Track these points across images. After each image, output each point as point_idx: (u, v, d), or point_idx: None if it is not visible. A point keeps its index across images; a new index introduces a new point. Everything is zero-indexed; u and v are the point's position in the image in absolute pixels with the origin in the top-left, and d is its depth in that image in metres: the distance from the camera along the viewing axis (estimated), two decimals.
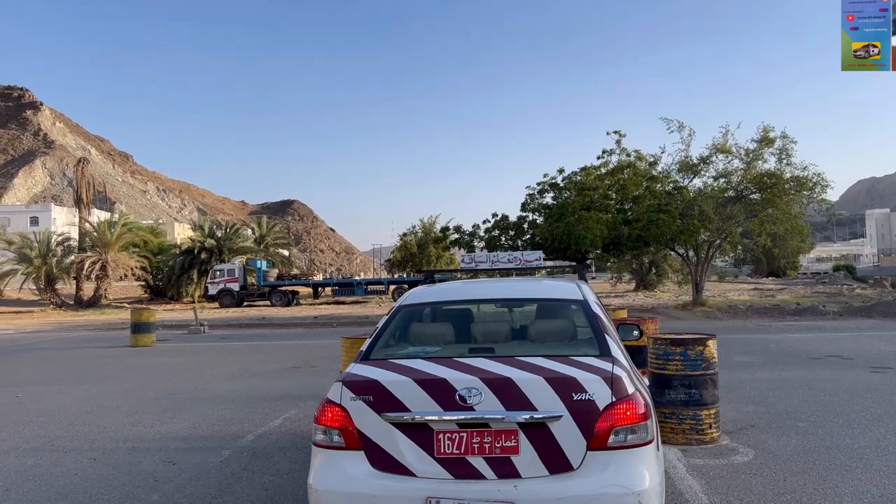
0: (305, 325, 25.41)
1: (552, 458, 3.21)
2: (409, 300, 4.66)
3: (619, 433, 3.22)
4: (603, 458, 3.20)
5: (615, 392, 3.28)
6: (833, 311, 23.81)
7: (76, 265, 42.13)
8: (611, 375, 3.34)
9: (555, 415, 3.23)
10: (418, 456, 3.29)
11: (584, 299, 4.31)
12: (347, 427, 3.39)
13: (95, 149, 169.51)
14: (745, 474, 5.37)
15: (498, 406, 3.26)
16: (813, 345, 14.39)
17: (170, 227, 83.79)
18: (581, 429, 3.22)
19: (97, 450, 6.76)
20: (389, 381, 3.44)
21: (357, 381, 3.51)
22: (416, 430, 3.32)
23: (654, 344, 6.61)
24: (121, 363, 14.23)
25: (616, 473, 3.17)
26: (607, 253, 28.89)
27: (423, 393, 3.35)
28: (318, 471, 3.44)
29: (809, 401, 8.25)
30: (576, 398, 3.25)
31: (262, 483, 5.50)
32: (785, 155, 26.34)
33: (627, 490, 3.12)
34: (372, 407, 3.37)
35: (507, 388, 3.29)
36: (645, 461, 3.24)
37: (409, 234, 56.78)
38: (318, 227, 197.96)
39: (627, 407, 3.25)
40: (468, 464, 3.25)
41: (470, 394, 3.28)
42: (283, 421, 7.85)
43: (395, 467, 3.30)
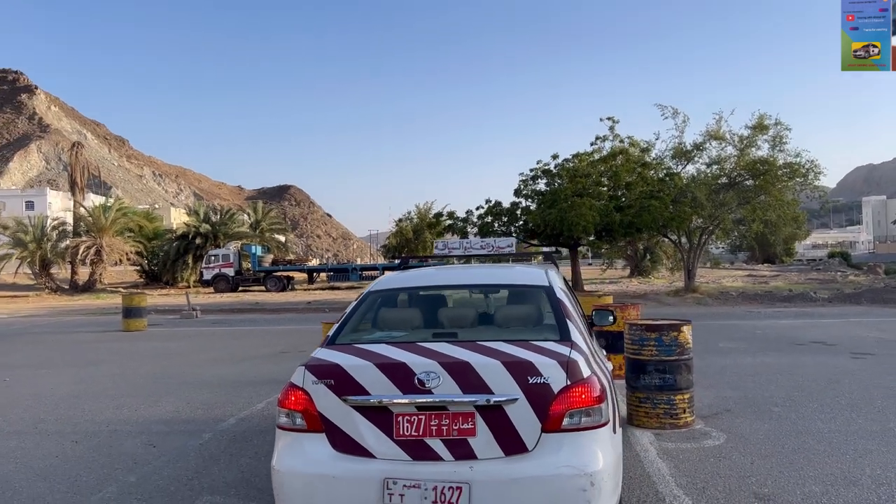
0: (298, 311, 25.49)
1: (508, 440, 3.27)
2: (378, 286, 4.71)
3: (574, 416, 3.29)
4: (557, 439, 3.27)
5: (570, 375, 3.34)
6: (823, 298, 23.93)
7: (71, 250, 42.14)
8: (567, 359, 3.41)
9: (511, 398, 3.28)
10: (378, 438, 3.35)
11: (549, 285, 4.35)
12: (309, 410, 3.45)
13: (91, 133, 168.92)
14: (714, 458, 5.46)
15: (455, 389, 3.32)
16: (799, 331, 14.49)
17: (166, 212, 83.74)
18: (536, 411, 3.28)
19: (80, 432, 6.84)
20: (350, 366, 3.50)
21: (319, 365, 3.58)
22: (376, 412, 3.38)
23: (629, 330, 6.69)
24: (111, 347, 14.31)
25: (569, 455, 3.23)
26: (600, 239, 29.00)
27: (383, 377, 3.41)
28: (281, 453, 3.51)
29: (787, 386, 8.35)
30: (531, 381, 3.31)
31: (240, 465, 5.58)
32: (778, 142, 26.39)
33: (580, 471, 3.19)
34: (333, 390, 3.43)
35: (465, 371, 3.36)
36: (599, 443, 3.31)
37: (405, 220, 56.86)
38: (315, 212, 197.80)
39: (582, 390, 3.32)
40: (426, 445, 3.31)
41: (428, 377, 3.35)
42: (266, 405, 7.93)
43: (356, 449, 3.36)
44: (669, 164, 28.67)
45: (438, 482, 3.21)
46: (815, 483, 4.79)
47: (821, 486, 4.74)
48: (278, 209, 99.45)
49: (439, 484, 3.20)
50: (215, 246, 46.14)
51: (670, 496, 4.59)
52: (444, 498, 3.18)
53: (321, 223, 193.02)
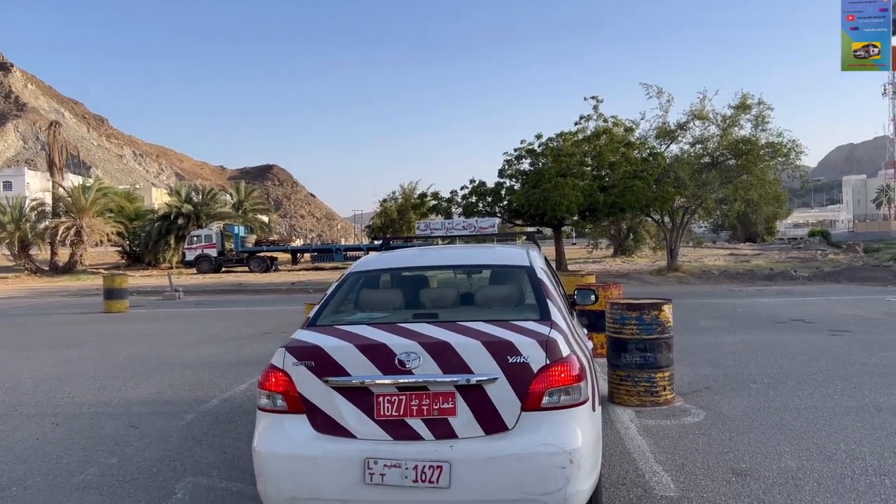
0: (282, 291, 25.41)
1: (488, 419, 3.29)
2: (359, 267, 4.71)
3: (553, 394, 3.31)
4: (536, 418, 3.29)
5: (549, 355, 3.36)
6: (803, 276, 24.22)
7: (50, 231, 41.60)
8: (546, 339, 3.42)
9: (491, 377, 3.30)
10: (359, 418, 3.36)
11: (530, 265, 4.36)
12: (290, 392, 3.45)
13: (69, 112, 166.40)
14: (693, 434, 5.53)
15: (436, 370, 3.33)
16: (779, 309, 14.67)
17: (147, 193, 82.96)
18: (516, 391, 3.30)
19: (60, 415, 6.80)
20: (331, 347, 3.50)
21: (299, 346, 3.57)
22: (356, 393, 3.39)
23: (611, 309, 6.73)
24: (92, 329, 14.20)
25: (549, 433, 3.26)
26: (583, 219, 29.08)
27: (364, 358, 3.41)
28: (262, 434, 3.51)
29: (766, 363, 8.46)
30: (511, 361, 3.33)
31: (222, 446, 5.58)
32: (761, 121, 26.52)
33: (559, 449, 3.21)
34: (314, 372, 3.43)
35: (445, 352, 3.36)
36: (578, 421, 3.34)
37: (390, 201, 56.61)
38: (298, 192, 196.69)
39: (561, 369, 3.34)
40: (407, 425, 3.33)
41: (409, 358, 3.35)
42: (249, 385, 7.92)
43: (337, 430, 3.37)
44: (653, 143, 28.75)
45: (419, 461, 3.22)
46: (792, 458, 4.87)
47: (797, 460, 4.82)
48: (261, 189, 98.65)
49: (420, 463, 3.21)
50: (197, 226, 45.73)
51: (650, 472, 4.65)
52: (425, 476, 3.20)
53: (305, 203, 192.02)
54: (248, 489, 4.55)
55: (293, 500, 3.36)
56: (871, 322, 12.17)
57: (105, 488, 4.69)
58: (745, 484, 4.39)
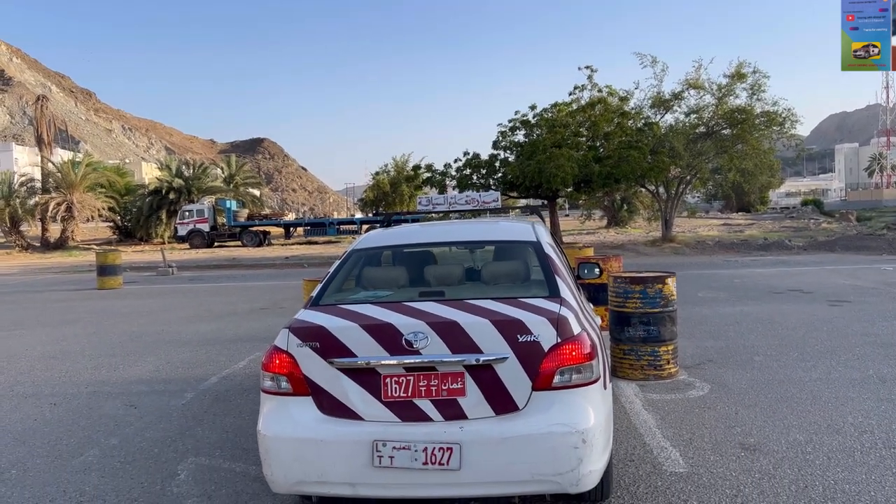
0: (276, 266, 25.31)
1: (498, 399, 3.23)
2: (362, 244, 4.60)
3: (565, 373, 3.24)
4: (548, 397, 3.22)
5: (560, 333, 3.28)
6: (798, 246, 24.26)
7: (41, 207, 41.24)
8: (557, 317, 3.34)
9: (500, 357, 3.24)
10: (365, 400, 3.29)
11: (537, 241, 4.27)
12: (294, 373, 3.36)
13: (56, 86, 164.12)
14: (698, 408, 5.49)
15: (444, 350, 3.26)
16: (776, 279, 14.67)
17: (137, 167, 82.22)
18: (527, 370, 3.23)
19: (58, 395, 6.71)
20: (335, 327, 3.41)
21: (303, 327, 3.47)
22: (362, 374, 3.31)
23: (614, 282, 6.66)
24: (86, 306, 14.08)
25: (560, 413, 3.19)
26: (578, 191, 28.95)
27: (370, 338, 3.33)
28: (267, 417, 3.42)
29: (767, 335, 8.44)
30: (521, 340, 3.26)
31: (224, 425, 5.51)
32: (757, 90, 26.35)
33: (571, 429, 3.15)
34: (318, 353, 3.35)
35: (453, 331, 3.29)
36: (590, 400, 3.27)
37: (382, 173, 56.33)
38: (290, 165, 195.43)
39: (573, 347, 3.27)
40: (415, 406, 3.26)
41: (416, 338, 3.28)
42: (248, 363, 7.85)
43: (343, 412, 3.30)
44: (648, 113, 28.54)
45: (429, 443, 3.15)
46: (799, 432, 4.84)
47: (805, 434, 4.78)
48: (252, 163, 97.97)
49: (429, 445, 3.15)
50: (189, 201, 45.44)
51: (658, 448, 4.61)
52: (435, 459, 3.13)
53: (296, 177, 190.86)
54: (251, 469, 4.48)
55: (300, 485, 3.29)
56: (869, 291, 12.17)
57: (106, 469, 4.62)
58: (754, 459, 4.35)
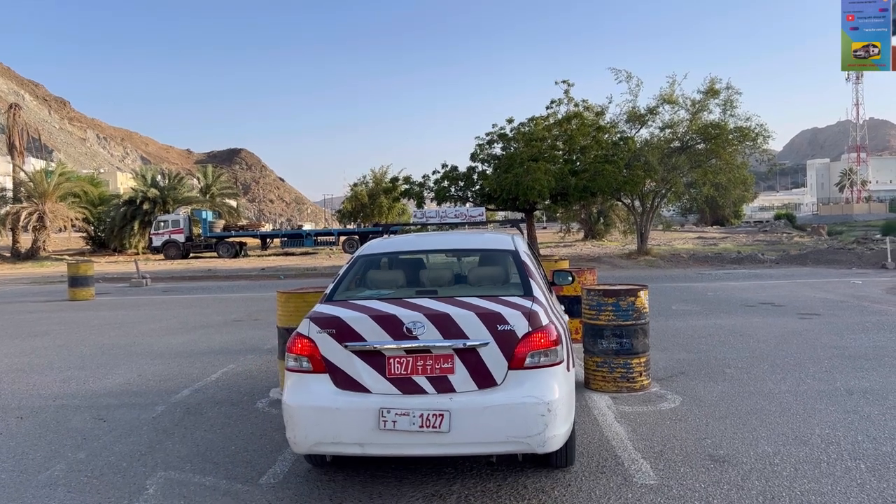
0: (251, 277, 25.12)
1: (481, 376, 3.94)
2: (366, 251, 5.32)
3: (535, 356, 3.97)
4: (521, 375, 3.94)
5: (531, 324, 4.03)
6: (770, 259, 24.59)
7: (11, 216, 40.57)
8: (529, 311, 4.10)
9: (483, 342, 3.95)
10: (373, 377, 3.98)
11: (515, 249, 5.03)
12: (315, 355, 4.08)
13: (29, 94, 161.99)
14: (670, 420, 5.54)
15: (438, 336, 3.98)
16: (748, 292, 14.86)
17: (111, 177, 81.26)
18: (504, 353, 3.95)
19: (25, 408, 6.59)
20: (349, 317, 4.14)
21: (322, 317, 4.21)
22: (371, 356, 4.01)
23: (587, 295, 6.70)
24: (56, 318, 13.86)
25: (531, 388, 3.91)
26: (555, 203, 29.14)
27: (377, 326, 4.05)
28: (290, 390, 4.12)
29: (739, 347, 8.54)
30: (500, 329, 3.98)
31: (194, 439, 5.45)
32: (729, 106, 26.77)
33: (539, 400, 3.87)
34: (335, 338, 4.07)
35: (445, 321, 4.02)
36: (555, 378, 4.00)
37: (360, 185, 56.25)
38: (267, 176, 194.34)
39: (542, 335, 4.01)
40: (413, 382, 3.95)
41: (415, 326, 4.01)
42: (221, 375, 7.77)
43: (354, 386, 3.99)
44: (623, 128, 28.86)
45: (424, 410, 3.84)
46: (768, 443, 4.90)
47: (773, 446, 4.85)
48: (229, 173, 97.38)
49: (425, 412, 3.83)
50: (164, 211, 44.96)
51: (629, 460, 4.64)
52: (429, 423, 3.82)
53: (274, 187, 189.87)
54: (221, 483, 4.45)
55: (318, 445, 4.00)
56: (838, 305, 12.37)
57: (73, 484, 4.54)
58: (723, 470, 4.40)
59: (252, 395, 6.81)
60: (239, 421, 5.91)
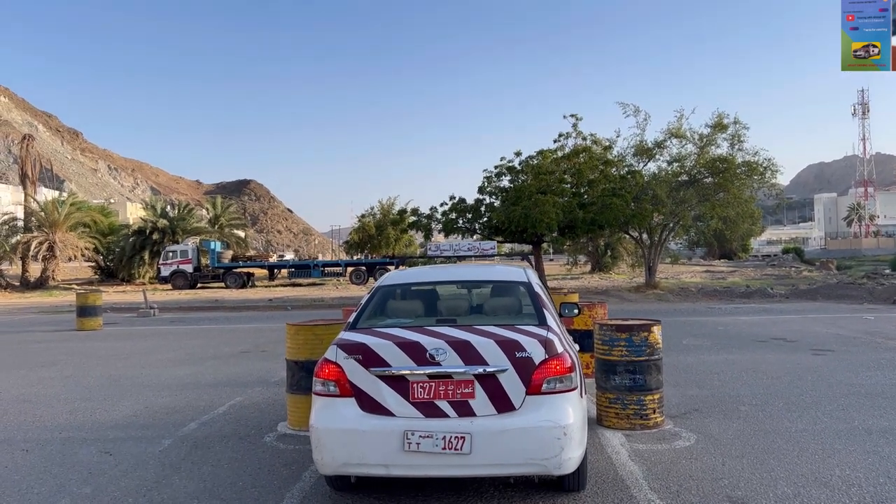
0: (259, 308, 25.08)
1: (499, 400, 4.13)
2: (386, 282, 5.58)
3: (551, 382, 4.18)
4: (538, 400, 4.14)
5: (548, 351, 4.25)
6: (780, 294, 24.41)
7: (22, 245, 40.77)
8: (545, 338, 4.32)
9: (502, 368, 4.17)
10: (397, 401, 4.18)
11: (528, 281, 5.26)
12: (341, 380, 4.27)
13: (42, 125, 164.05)
14: (685, 459, 5.43)
15: (459, 362, 4.18)
16: (759, 327, 14.71)
17: (122, 207, 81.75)
18: (522, 379, 4.16)
19: (31, 440, 6.53)
20: (375, 344, 4.34)
21: (348, 343, 4.42)
22: (395, 381, 4.21)
23: (599, 330, 6.63)
24: (64, 348, 13.83)
25: (548, 412, 4.11)
26: (563, 236, 29.11)
27: (401, 353, 4.25)
28: (318, 413, 4.30)
29: (752, 384, 8.42)
30: (518, 356, 4.19)
31: (202, 474, 5.37)
32: (737, 140, 26.86)
33: (556, 424, 4.07)
34: (361, 363, 4.26)
35: (466, 348, 4.22)
36: (570, 403, 4.21)
37: (368, 216, 56.40)
38: (276, 207, 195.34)
39: (557, 362, 4.23)
40: (436, 406, 4.15)
41: (437, 353, 4.21)
42: (229, 408, 7.69)
43: (380, 409, 4.18)
44: (631, 161, 28.93)
45: (446, 433, 4.03)
46: (787, 484, 4.79)
47: (792, 487, 4.73)
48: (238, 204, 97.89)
49: (447, 434, 4.03)
50: (173, 242, 45.10)
51: (645, 501, 4.53)
52: (452, 445, 4.01)
53: (282, 218, 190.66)
54: None
55: (345, 466, 4.19)
56: (852, 341, 12.22)
57: None
58: None
59: (260, 428, 6.73)
60: (247, 456, 5.83)
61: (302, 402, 6.36)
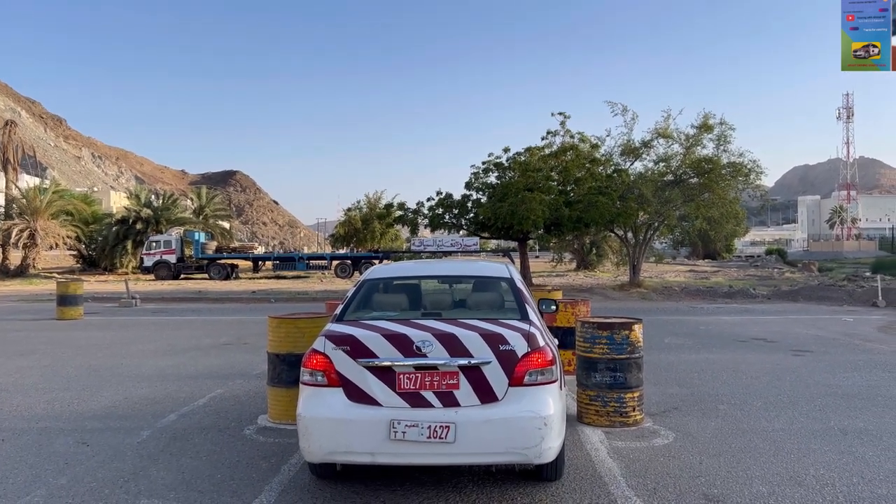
0: (242, 300, 24.97)
1: (483, 391, 4.26)
2: (371, 275, 5.68)
3: (532, 374, 4.32)
4: (520, 392, 4.27)
5: (530, 344, 4.38)
6: (762, 294, 24.63)
7: (3, 233, 40.32)
8: (528, 332, 4.47)
9: (486, 360, 4.29)
10: (384, 391, 4.27)
11: (510, 277, 5.47)
12: (329, 370, 4.35)
13: (25, 111, 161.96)
14: (663, 457, 5.47)
15: (444, 354, 4.28)
16: (740, 327, 14.84)
17: (105, 196, 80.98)
18: (505, 371, 4.29)
19: (7, 430, 6.46)
20: (362, 335, 4.44)
21: (336, 335, 4.50)
22: (382, 371, 4.29)
23: (581, 327, 6.65)
24: (43, 337, 13.70)
25: (529, 403, 4.25)
26: (549, 233, 29.19)
27: (389, 344, 4.35)
28: (305, 403, 4.37)
29: (732, 383, 8.49)
30: (501, 348, 4.32)
31: (180, 466, 5.34)
32: (723, 141, 27.01)
33: (536, 415, 4.21)
34: (349, 354, 4.35)
35: (452, 341, 4.32)
36: (551, 395, 4.35)
37: (354, 210, 56.29)
38: (261, 199, 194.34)
39: (539, 355, 4.37)
40: (421, 396, 4.25)
41: (424, 345, 4.31)
42: (209, 400, 7.66)
43: (366, 399, 4.27)
44: (618, 160, 29.04)
45: (431, 422, 4.14)
46: (762, 483, 4.84)
47: (767, 486, 4.78)
48: (223, 195, 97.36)
49: (432, 424, 4.13)
50: (157, 232, 44.77)
51: (622, 498, 4.57)
52: (436, 434, 4.12)
53: (267, 210, 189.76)
54: None
55: (331, 455, 4.29)
56: (830, 342, 12.35)
57: None
58: None
59: (240, 421, 6.70)
60: (226, 448, 5.80)
61: (283, 395, 6.34)
